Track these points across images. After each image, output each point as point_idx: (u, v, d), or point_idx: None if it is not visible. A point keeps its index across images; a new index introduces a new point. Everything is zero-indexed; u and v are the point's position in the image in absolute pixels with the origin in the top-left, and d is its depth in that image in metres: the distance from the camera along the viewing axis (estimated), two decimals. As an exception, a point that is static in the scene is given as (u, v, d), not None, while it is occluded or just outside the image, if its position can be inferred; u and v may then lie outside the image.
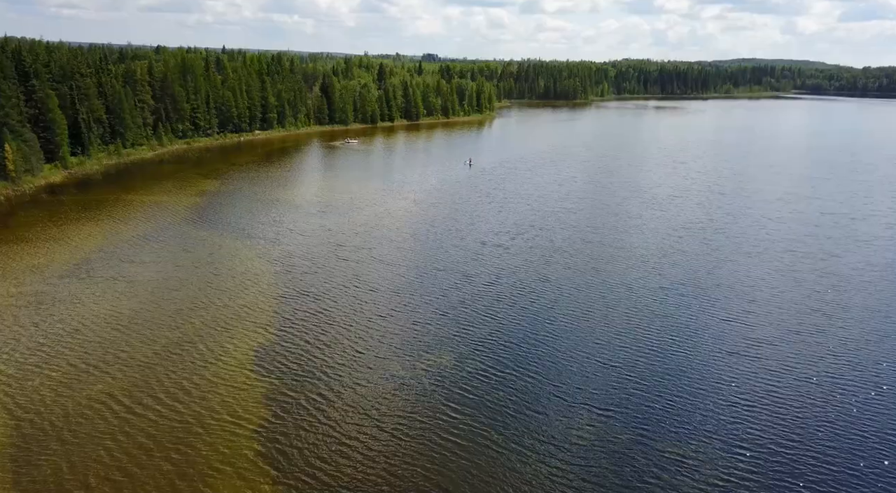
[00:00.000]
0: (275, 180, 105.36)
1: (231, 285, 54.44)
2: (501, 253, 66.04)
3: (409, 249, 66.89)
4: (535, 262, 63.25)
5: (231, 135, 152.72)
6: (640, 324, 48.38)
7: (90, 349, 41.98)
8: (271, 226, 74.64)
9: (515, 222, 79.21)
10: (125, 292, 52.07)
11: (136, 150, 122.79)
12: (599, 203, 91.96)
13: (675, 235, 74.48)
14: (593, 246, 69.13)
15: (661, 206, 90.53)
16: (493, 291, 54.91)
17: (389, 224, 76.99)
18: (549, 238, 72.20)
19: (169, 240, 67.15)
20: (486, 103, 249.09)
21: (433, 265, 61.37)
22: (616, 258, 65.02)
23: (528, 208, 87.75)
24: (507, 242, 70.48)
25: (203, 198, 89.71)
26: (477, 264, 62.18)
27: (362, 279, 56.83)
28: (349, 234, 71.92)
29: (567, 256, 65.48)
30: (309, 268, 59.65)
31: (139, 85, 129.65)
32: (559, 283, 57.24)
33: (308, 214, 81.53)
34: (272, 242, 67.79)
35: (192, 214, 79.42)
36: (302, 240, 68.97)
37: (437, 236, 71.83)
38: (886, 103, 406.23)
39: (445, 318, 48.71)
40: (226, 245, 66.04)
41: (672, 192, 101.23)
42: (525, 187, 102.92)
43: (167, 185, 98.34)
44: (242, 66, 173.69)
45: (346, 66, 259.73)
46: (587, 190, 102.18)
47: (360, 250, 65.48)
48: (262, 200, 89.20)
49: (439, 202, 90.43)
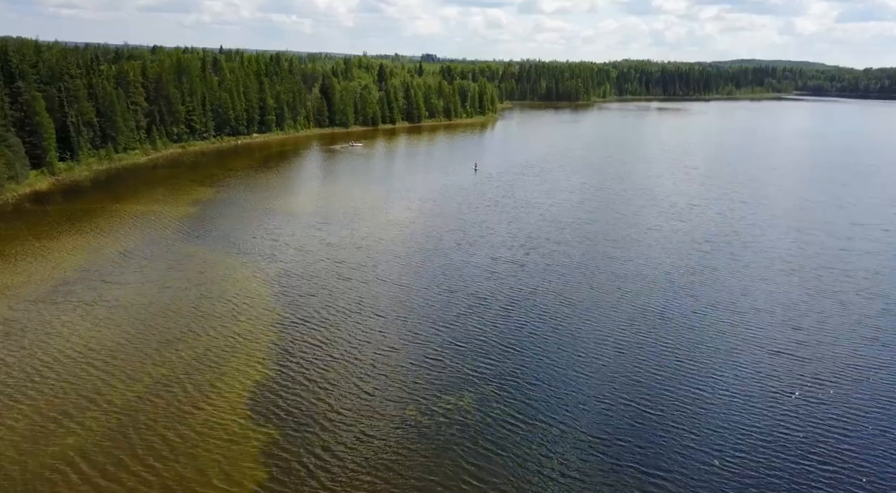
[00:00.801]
0: (272, 187, 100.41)
1: (223, 310, 49.49)
2: (517, 271, 61.14)
3: (416, 266, 61.95)
4: (554, 282, 58.36)
5: (228, 138, 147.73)
6: (679, 357, 43.50)
7: (61, 392, 37.00)
8: (267, 240, 69.69)
9: (529, 235, 74.36)
10: (105, 319, 47.08)
11: (128, 154, 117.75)
12: (615, 213, 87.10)
13: (700, 249, 69.64)
14: (615, 263, 64.26)
15: (681, 215, 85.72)
16: (511, 317, 50.01)
17: (394, 237, 72.10)
18: (567, 253, 67.33)
19: (157, 256, 62.17)
20: (489, 105, 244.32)
21: (443, 286, 56.46)
22: (641, 277, 60.14)
23: (541, 219, 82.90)
24: (522, 257, 65.60)
25: (196, 207, 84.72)
26: (491, 284, 57.28)
27: (366, 303, 51.91)
28: (351, 248, 67.02)
29: (588, 274, 60.60)
30: (308, 289, 54.70)
31: (132, 86, 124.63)
32: (583, 307, 52.35)
33: (307, 225, 76.59)
34: (268, 259, 62.84)
35: (183, 226, 74.43)
36: (300, 256, 64.02)
37: (446, 252, 66.94)
38: (889, 105, 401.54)
39: (462, 350, 43.81)
40: (218, 262, 61.08)
41: (689, 200, 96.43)
42: (535, 195, 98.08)
43: (159, 192, 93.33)
44: (240, 66, 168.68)
45: (345, 66, 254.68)
46: (600, 198, 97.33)
47: (364, 268, 60.56)
48: (258, 209, 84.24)
49: (446, 212, 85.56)
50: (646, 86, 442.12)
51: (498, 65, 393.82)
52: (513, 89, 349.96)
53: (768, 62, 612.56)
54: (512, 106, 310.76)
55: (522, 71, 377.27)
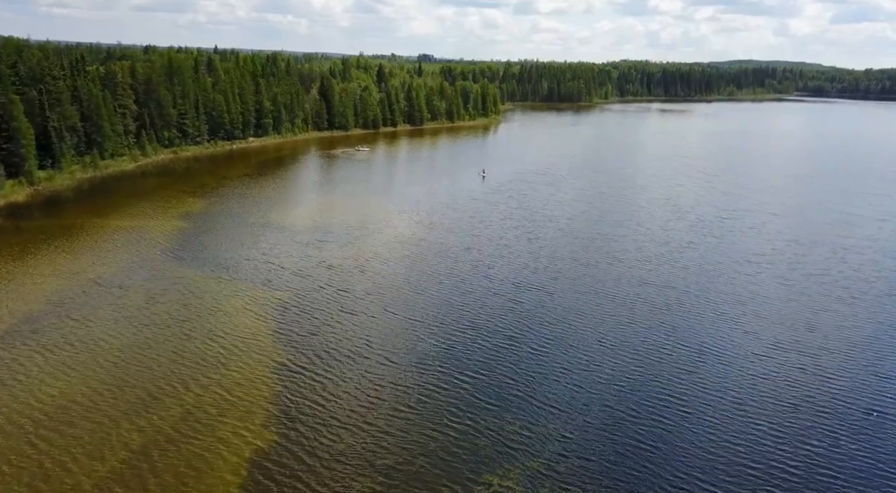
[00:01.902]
0: (268, 198, 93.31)
1: (211, 354, 42.45)
2: (544, 301, 54.19)
3: (429, 296, 54.90)
4: (588, 314, 51.41)
5: (222, 142, 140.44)
6: (757, 418, 36.66)
7: (10, 479, 29.96)
8: (262, 262, 62.61)
9: (552, 255, 67.46)
10: (69, 369, 39.98)
11: (115, 161, 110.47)
12: (641, 227, 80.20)
13: (744, 272, 62.77)
14: (652, 290, 57.32)
15: (712, 230, 78.89)
16: (547, 363, 43.04)
17: (402, 258, 65.09)
18: (597, 277, 60.39)
19: (138, 284, 55.03)
20: (492, 107, 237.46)
21: (463, 321, 49.49)
22: (686, 308, 53.24)
23: (562, 234, 76.06)
24: (548, 283, 58.67)
25: (185, 222, 77.62)
26: (518, 319, 50.30)
27: (375, 344, 44.90)
28: (354, 273, 59.99)
29: (625, 306, 53.60)
30: (309, 326, 47.66)
31: (120, 88, 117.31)
32: (628, 349, 45.39)
33: (306, 243, 69.53)
34: (263, 286, 55.78)
35: (170, 245, 67.33)
36: (299, 283, 56.96)
37: (463, 276, 59.97)
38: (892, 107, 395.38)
39: (495, 412, 36.84)
40: (206, 291, 53.97)
41: (716, 212, 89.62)
42: (550, 207, 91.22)
43: (147, 205, 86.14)
44: (235, 67, 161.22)
45: (343, 67, 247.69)
46: (621, 210, 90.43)
47: (370, 299, 53.53)
48: (252, 224, 77.16)
49: (458, 226, 78.62)
50: (647, 87, 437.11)
51: (498, 65, 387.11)
52: (514, 90, 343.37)
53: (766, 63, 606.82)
54: (513, 107, 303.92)
55: (523, 71, 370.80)
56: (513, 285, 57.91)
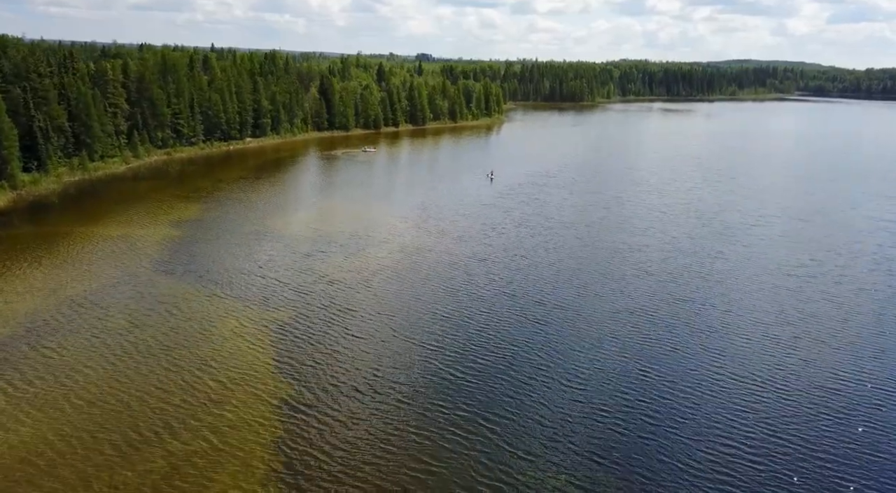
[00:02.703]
0: (266, 203, 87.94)
1: (203, 389, 37.10)
2: (573, 322, 48.87)
3: (443, 316, 49.52)
4: (623, 337, 46.12)
5: (219, 143, 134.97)
6: (836, 470, 31.50)
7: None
8: (259, 276, 57.24)
9: (574, 267, 62.20)
10: (40, 409, 34.60)
11: (105, 163, 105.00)
12: (666, 236, 74.92)
13: (786, 286, 57.49)
14: (691, 309, 52.06)
15: (741, 239, 73.72)
16: (583, 400, 37.80)
17: (410, 272, 59.72)
18: (628, 293, 55.05)
19: (123, 303, 49.63)
20: (495, 106, 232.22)
21: (483, 347, 44.21)
22: (731, 330, 48.00)
23: (580, 243, 70.86)
24: (574, 300, 53.40)
25: (178, 230, 72.25)
26: (546, 344, 45.01)
27: (387, 376, 39.55)
28: (359, 289, 54.64)
29: (664, 328, 48.24)
30: (312, 354, 42.27)
31: (111, 86, 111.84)
32: (675, 383, 40.14)
33: (306, 254, 64.13)
34: (260, 305, 50.43)
35: (160, 256, 61.96)
36: (299, 301, 51.59)
37: (479, 293, 54.65)
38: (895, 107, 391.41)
39: (531, 463, 31.62)
40: (197, 311, 48.59)
41: (742, 218, 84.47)
42: (565, 212, 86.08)
43: (137, 211, 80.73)
44: (232, 65, 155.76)
45: (342, 65, 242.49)
46: (641, 216, 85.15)
47: (378, 320, 48.16)
48: (249, 232, 71.80)
49: (469, 234, 73.37)
50: (649, 86, 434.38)
51: (499, 65, 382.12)
52: (515, 89, 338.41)
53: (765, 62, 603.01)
54: (514, 107, 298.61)
55: (524, 71, 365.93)
56: (535, 302, 52.65)
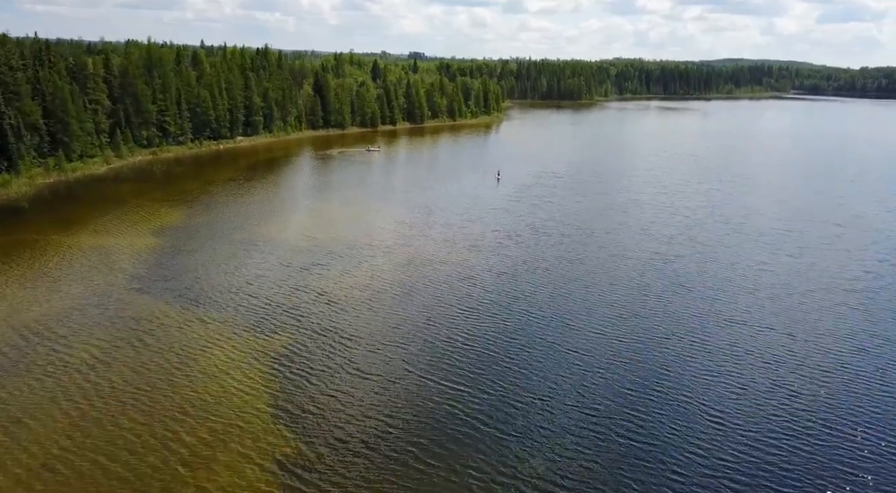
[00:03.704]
0: (259, 207, 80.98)
1: (178, 452, 30.14)
2: (618, 353, 42.29)
3: (468, 351, 42.70)
4: (693, 386, 39.58)
5: (208, 142, 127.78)
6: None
7: None
8: (249, 295, 50.27)
9: (605, 281, 55.65)
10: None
11: (84, 163, 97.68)
12: (697, 244, 68.45)
13: (848, 304, 50.96)
14: (748, 334, 45.54)
15: (781, 247, 67.23)
16: (652, 460, 31.32)
17: (420, 289, 52.82)
18: (671, 313, 48.57)
19: (91, 330, 42.58)
20: (494, 104, 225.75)
21: (512, 384, 37.57)
22: (803, 363, 41.57)
23: (607, 254, 64.34)
24: (615, 324, 46.89)
25: (161, 238, 65.25)
26: (589, 383, 38.43)
27: (401, 428, 32.80)
28: (363, 310, 47.80)
29: (727, 358, 41.76)
30: (310, 400, 35.06)
31: (91, 81, 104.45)
32: (748, 429, 33.74)
33: (301, 269, 57.14)
34: (249, 332, 43.49)
35: (139, 270, 54.96)
36: (294, 326, 44.64)
37: (500, 315, 47.95)
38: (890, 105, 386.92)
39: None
40: (176, 340, 41.61)
41: (773, 223, 78.14)
42: (582, 217, 79.66)
43: (116, 216, 73.62)
44: (222, 60, 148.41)
45: (336, 62, 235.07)
46: (664, 220, 78.66)
47: (388, 351, 41.33)
48: (238, 242, 64.83)
49: (482, 243, 66.74)
50: (646, 85, 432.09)
51: (495, 63, 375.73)
52: (512, 87, 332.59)
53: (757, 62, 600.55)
54: (511, 105, 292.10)
55: (521, 69, 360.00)
56: (567, 326, 46.03)
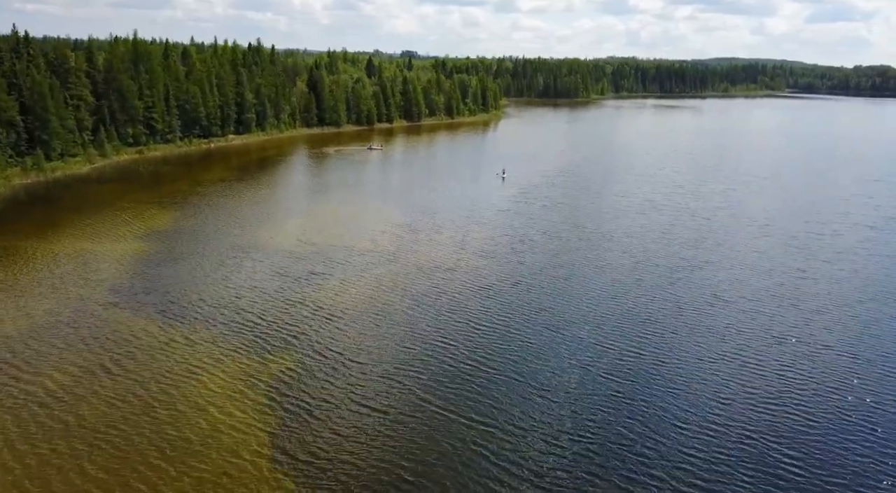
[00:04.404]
0: (251, 210, 75.67)
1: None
2: (658, 375, 37.32)
3: (490, 377, 37.70)
4: (759, 425, 34.74)
5: (198, 141, 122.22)
6: None
7: None
8: (239, 310, 44.93)
9: (638, 294, 50.65)
10: None
11: (65, 162, 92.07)
12: (723, 248, 63.69)
13: (899, 316, 46.61)
14: (794, 352, 40.72)
15: (818, 253, 62.58)
16: None
17: (432, 304, 47.59)
18: (710, 328, 43.69)
19: (55, 354, 37.17)
20: (492, 102, 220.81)
21: (541, 418, 32.59)
22: (862, 387, 36.83)
23: (630, 260, 59.42)
24: (649, 343, 41.98)
25: (146, 244, 59.88)
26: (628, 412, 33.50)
27: (421, 483, 27.86)
28: (369, 328, 42.65)
29: (785, 385, 36.94)
30: (313, 442, 29.90)
31: (73, 75, 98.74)
32: (806, 474, 28.86)
33: (297, 279, 51.75)
34: (239, 355, 38.24)
35: (117, 281, 49.58)
36: (290, 347, 39.37)
37: (520, 330, 42.91)
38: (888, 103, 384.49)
39: None
40: (156, 366, 36.26)
41: (805, 226, 73.39)
42: (597, 219, 74.84)
43: (97, 220, 68.16)
44: (212, 55, 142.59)
45: (329, 60, 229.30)
46: (684, 223, 73.87)
47: (399, 379, 36.12)
48: (229, 248, 59.52)
49: (493, 249, 61.67)
50: (642, 83, 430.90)
51: (490, 61, 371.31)
52: (508, 85, 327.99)
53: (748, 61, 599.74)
54: (508, 103, 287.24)
55: (517, 66, 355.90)
56: (600, 347, 41.01)
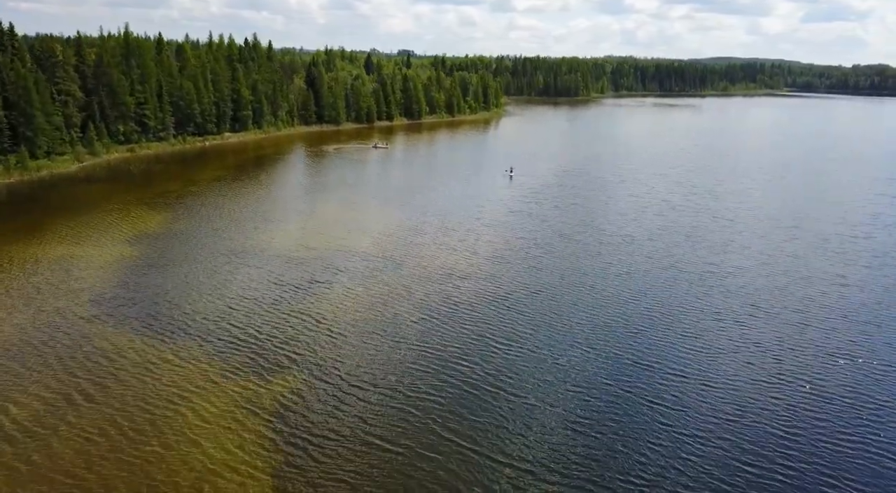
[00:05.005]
0: (247, 211, 71.20)
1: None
2: (712, 396, 33.19)
3: (517, 409, 33.55)
4: (820, 459, 30.57)
5: (192, 138, 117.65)
6: None
7: None
8: (233, 325, 40.49)
9: (674, 305, 46.48)
10: None
11: (51, 161, 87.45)
12: (754, 253, 59.54)
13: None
14: (856, 377, 36.68)
15: (856, 257, 58.57)
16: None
17: (446, 316, 43.15)
18: (753, 341, 39.50)
19: (27, 375, 32.63)
20: (494, 99, 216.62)
21: (583, 460, 28.37)
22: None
23: (660, 268, 55.21)
24: (690, 359, 37.76)
25: (135, 248, 55.41)
26: (689, 468, 29.28)
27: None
28: (374, 343, 38.32)
29: (845, 406, 32.89)
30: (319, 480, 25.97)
31: (60, 69, 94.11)
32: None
33: (297, 287, 47.25)
34: (232, 379, 33.80)
35: (101, 290, 45.10)
36: (290, 368, 34.97)
37: (555, 357, 38.74)
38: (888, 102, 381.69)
39: None
40: (138, 392, 31.78)
41: (836, 228, 69.41)
42: (615, 221, 70.61)
43: (84, 223, 63.61)
44: (208, 51, 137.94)
45: (327, 57, 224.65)
46: (708, 226, 69.78)
47: (413, 408, 31.81)
48: (223, 253, 55.02)
49: (507, 254, 57.35)
50: (641, 82, 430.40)
51: (489, 59, 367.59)
52: (508, 84, 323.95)
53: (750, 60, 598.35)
54: (508, 101, 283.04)
55: (517, 65, 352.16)
56: (638, 365, 36.77)
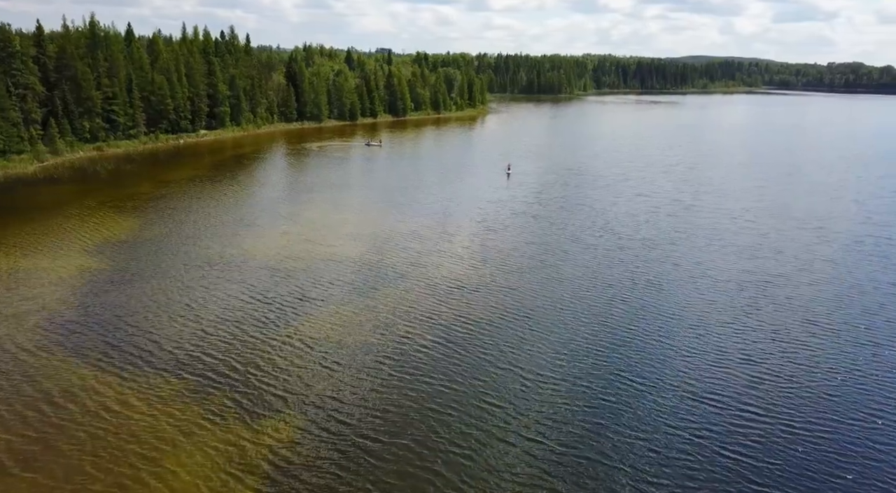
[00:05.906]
0: (225, 215, 64.56)
1: None
2: (783, 437, 27.73)
3: (549, 465, 27.82)
4: None
5: (165, 136, 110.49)
6: None
7: None
8: (207, 354, 34.12)
9: (712, 318, 40.99)
10: None
11: (8, 161, 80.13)
12: (787, 257, 54.45)
13: None
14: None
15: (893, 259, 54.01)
16: None
17: (457, 339, 37.20)
18: (818, 371, 34.14)
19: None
20: (479, 96, 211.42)
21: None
22: None
23: (689, 277, 49.84)
24: (749, 385, 32.27)
25: (98, 259, 48.66)
26: None
27: None
28: (376, 375, 32.35)
29: None
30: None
31: (17, 61, 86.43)
32: None
33: (282, 306, 40.84)
34: (222, 424, 27.56)
35: (61, 313, 38.40)
36: (279, 414, 28.73)
37: (587, 388, 32.98)
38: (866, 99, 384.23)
39: None
40: (108, 448, 25.57)
41: (866, 229, 64.81)
42: (627, 223, 65.24)
43: (42, 229, 56.61)
44: (181, 44, 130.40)
45: (306, 54, 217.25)
46: (728, 227, 64.74)
47: (427, 461, 25.98)
48: (198, 264, 48.42)
49: (517, 260, 51.54)
50: (623, 79, 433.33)
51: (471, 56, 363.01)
52: (491, 81, 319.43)
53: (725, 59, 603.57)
54: (491, 99, 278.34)
55: (500, 62, 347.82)
56: (684, 391, 31.27)
